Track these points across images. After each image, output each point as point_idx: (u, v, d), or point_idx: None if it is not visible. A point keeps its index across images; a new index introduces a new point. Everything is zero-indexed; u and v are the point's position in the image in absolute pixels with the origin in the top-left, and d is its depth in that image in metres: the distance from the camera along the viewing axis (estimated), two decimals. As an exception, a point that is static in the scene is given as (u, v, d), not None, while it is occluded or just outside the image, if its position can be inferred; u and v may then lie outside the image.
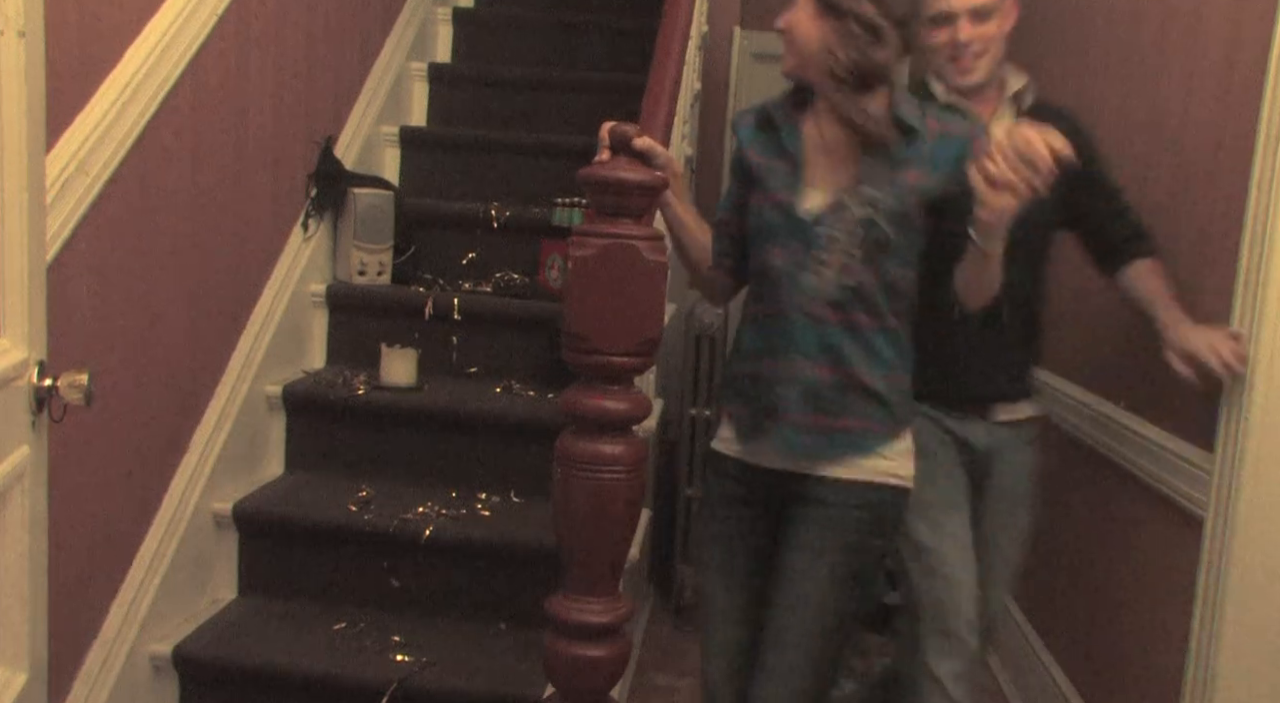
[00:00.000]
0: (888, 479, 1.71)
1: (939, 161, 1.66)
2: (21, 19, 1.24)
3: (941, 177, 1.66)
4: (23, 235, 1.32)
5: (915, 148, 1.66)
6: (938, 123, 1.70)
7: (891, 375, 1.71)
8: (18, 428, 1.35)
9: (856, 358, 1.67)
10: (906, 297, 1.72)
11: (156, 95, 2.03)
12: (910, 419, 1.77)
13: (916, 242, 1.69)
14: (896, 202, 1.64)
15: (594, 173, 1.49)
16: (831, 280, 1.66)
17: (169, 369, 2.20)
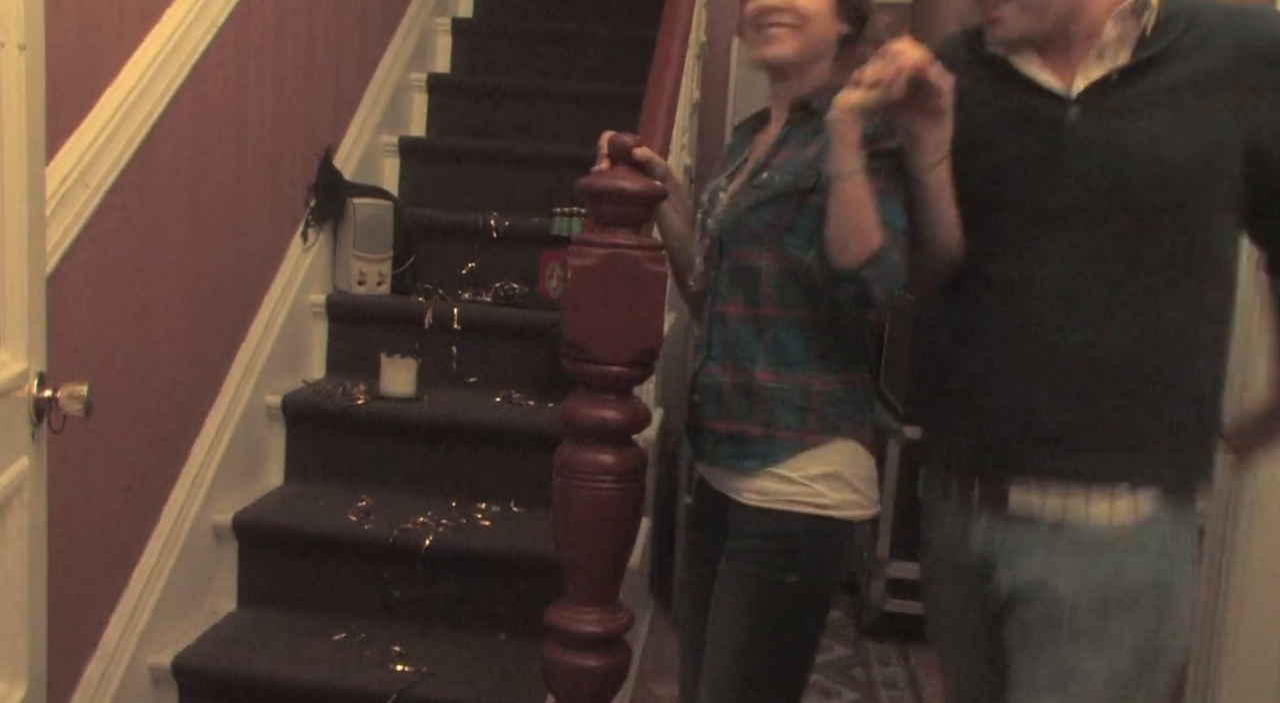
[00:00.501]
0: (796, 507, 1.53)
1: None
2: (22, 32, 1.25)
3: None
4: (23, 248, 1.33)
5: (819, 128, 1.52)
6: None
7: (808, 375, 1.54)
8: (17, 439, 1.35)
9: (756, 356, 1.54)
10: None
11: (157, 107, 2.03)
12: (848, 432, 1.57)
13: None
14: (793, 178, 1.52)
15: (593, 182, 1.50)
16: (701, 269, 1.61)
17: (169, 380, 2.20)
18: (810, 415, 1.55)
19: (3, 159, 1.27)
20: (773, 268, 1.53)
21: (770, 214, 1.53)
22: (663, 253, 1.51)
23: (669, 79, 2.40)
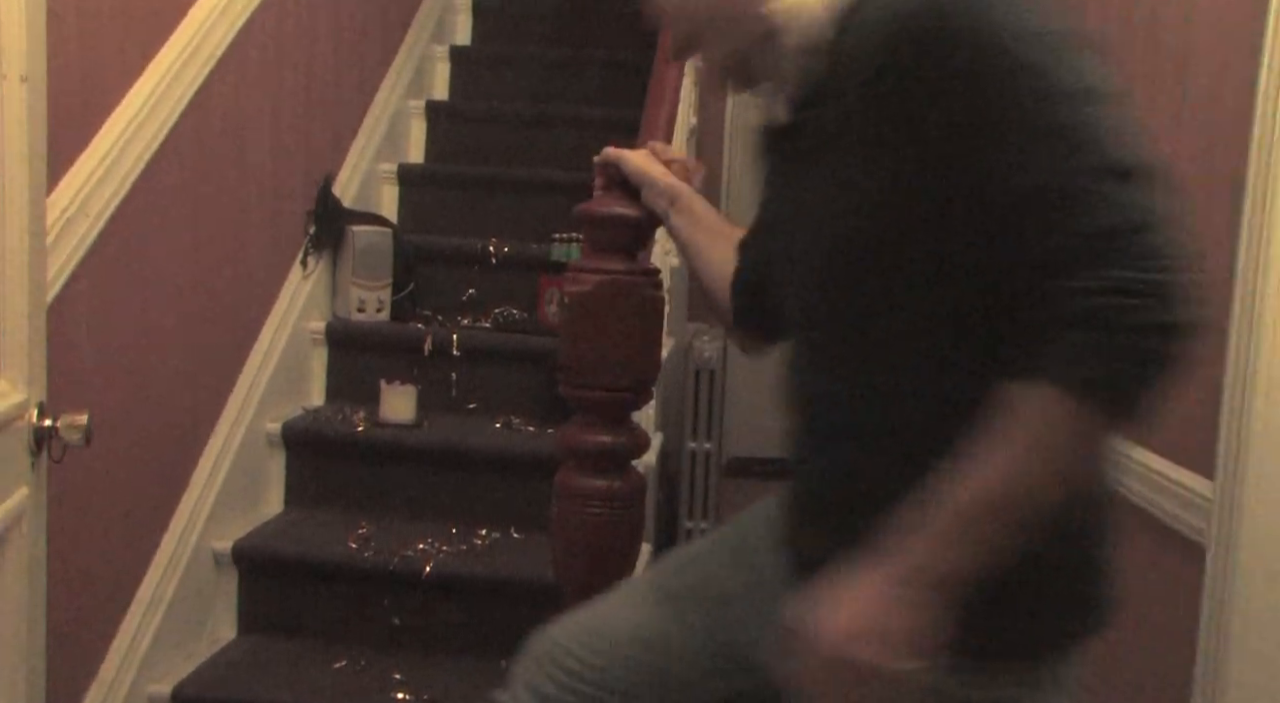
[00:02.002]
0: None
1: None
2: (24, 64, 1.26)
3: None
4: (23, 278, 1.33)
5: None
6: None
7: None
8: (17, 470, 1.35)
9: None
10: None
11: (157, 136, 2.05)
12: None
13: None
14: None
15: (589, 209, 1.51)
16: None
17: (169, 408, 2.21)
18: None
19: (4, 191, 1.28)
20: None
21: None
22: (660, 277, 1.52)
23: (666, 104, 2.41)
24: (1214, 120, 2.08)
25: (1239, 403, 1.89)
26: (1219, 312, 1.98)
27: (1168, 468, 2.17)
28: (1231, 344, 1.91)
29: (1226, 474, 1.92)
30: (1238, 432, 1.89)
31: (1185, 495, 2.07)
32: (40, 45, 1.32)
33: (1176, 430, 2.16)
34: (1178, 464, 2.14)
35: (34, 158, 1.32)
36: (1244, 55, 1.95)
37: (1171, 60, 2.33)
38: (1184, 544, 2.08)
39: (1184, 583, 2.07)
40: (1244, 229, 1.89)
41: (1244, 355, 1.88)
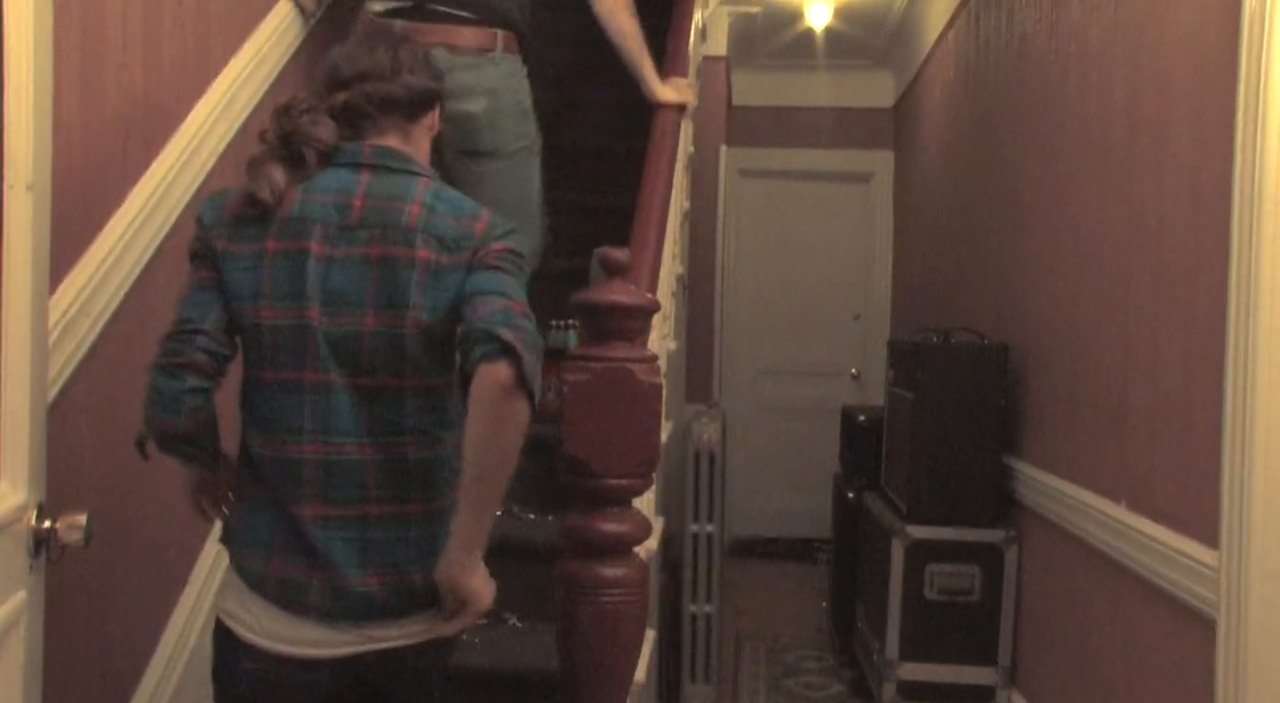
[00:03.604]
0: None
1: None
2: (30, 173, 1.29)
3: None
4: (25, 380, 1.34)
5: None
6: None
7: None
8: (15, 573, 1.35)
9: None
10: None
11: (156, 236, 2.08)
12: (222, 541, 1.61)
13: None
14: None
15: (586, 297, 1.53)
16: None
17: (168, 504, 2.20)
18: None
19: (8, 294, 1.30)
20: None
21: None
22: (657, 364, 1.53)
23: (659, 190, 2.46)
24: (1198, 187, 2.12)
25: (1238, 472, 1.89)
26: (1213, 383, 2.00)
27: (1171, 537, 2.16)
28: (1228, 413, 1.92)
29: (1231, 543, 1.91)
30: (1239, 500, 1.89)
31: (1191, 566, 2.06)
32: (46, 155, 1.36)
33: (1178, 500, 2.16)
34: (1181, 534, 2.13)
35: (37, 263, 1.34)
36: (1221, 124, 2.00)
37: (1149, 132, 2.38)
38: (1193, 616, 2.06)
39: (1196, 655, 2.04)
40: (1232, 293, 1.91)
41: (1240, 424, 1.89)
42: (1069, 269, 2.91)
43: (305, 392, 1.50)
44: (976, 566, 3.25)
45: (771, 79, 6.43)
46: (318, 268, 1.49)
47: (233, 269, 1.52)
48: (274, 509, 1.52)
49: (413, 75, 1.61)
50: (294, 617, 1.50)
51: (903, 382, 3.51)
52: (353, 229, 1.51)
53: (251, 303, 1.51)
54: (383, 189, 1.55)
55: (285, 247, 1.51)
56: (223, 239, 1.52)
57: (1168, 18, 2.30)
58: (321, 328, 1.49)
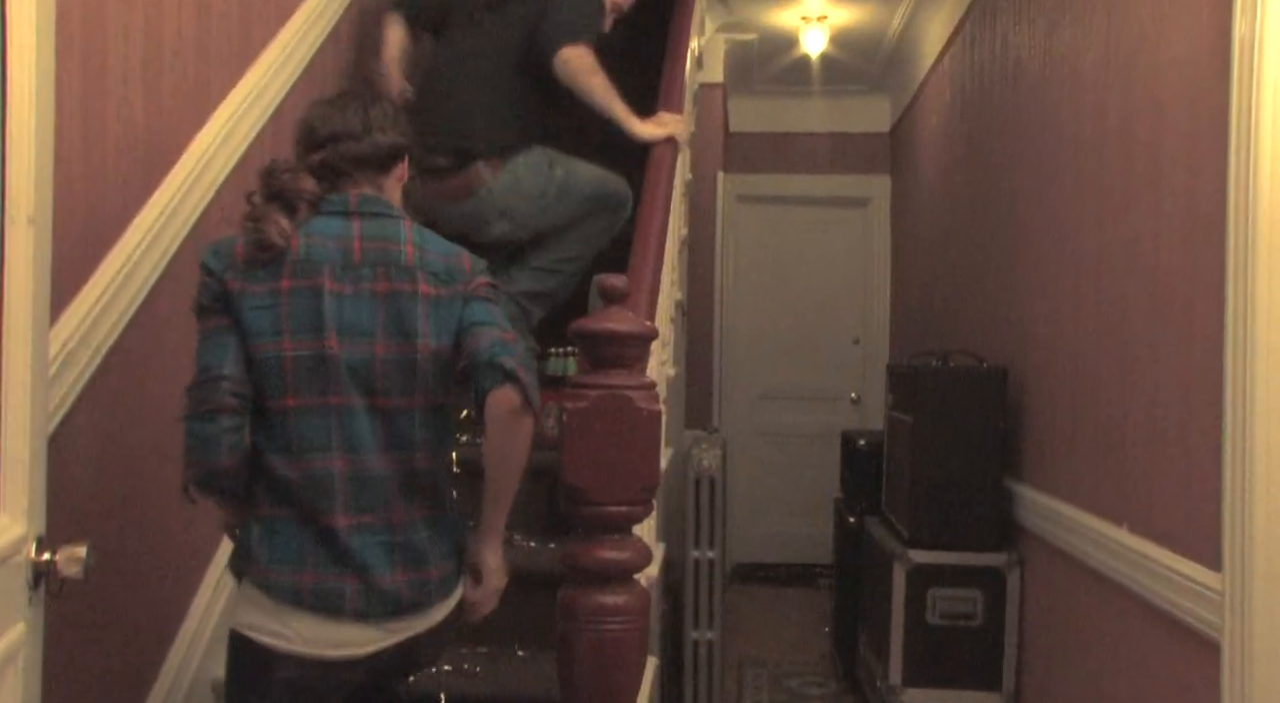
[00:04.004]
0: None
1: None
2: (31, 207, 1.30)
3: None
4: (26, 413, 1.35)
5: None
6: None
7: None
8: (14, 606, 1.34)
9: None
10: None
11: (157, 267, 2.09)
12: (237, 565, 1.70)
13: None
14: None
15: (585, 325, 1.53)
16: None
17: (168, 535, 2.19)
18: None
19: (9, 327, 1.30)
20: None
21: None
22: (656, 391, 1.54)
23: (656, 218, 2.47)
24: (1193, 209, 2.13)
25: (1239, 494, 1.89)
26: (1211, 412, 2.00)
27: (1173, 560, 2.16)
28: (1227, 434, 1.92)
29: (1234, 566, 1.91)
30: (1241, 523, 1.89)
31: (1194, 589, 2.05)
32: (47, 189, 1.36)
33: (1179, 522, 2.16)
34: (1183, 557, 2.12)
35: (38, 296, 1.35)
36: (1214, 149, 2.01)
37: (1144, 156, 2.40)
38: (1197, 639, 2.05)
39: (1201, 679, 2.03)
40: (1229, 314, 1.92)
41: (1239, 445, 1.89)
42: (1067, 292, 2.91)
43: (330, 414, 1.65)
44: (978, 590, 3.24)
45: (768, 105, 6.48)
46: (332, 303, 1.65)
47: (249, 308, 1.64)
48: (301, 526, 1.64)
49: (382, 134, 1.77)
50: (332, 622, 1.62)
51: (902, 405, 3.51)
52: (357, 268, 1.68)
53: (273, 338, 1.64)
54: (375, 232, 1.72)
55: (300, 285, 1.65)
56: (237, 281, 1.65)
57: (1160, 44, 2.32)
58: (341, 356, 1.65)
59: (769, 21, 5.30)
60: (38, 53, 1.31)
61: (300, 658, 1.62)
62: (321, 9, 2.84)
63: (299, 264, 1.66)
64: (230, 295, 1.65)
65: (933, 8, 4.81)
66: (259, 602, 1.63)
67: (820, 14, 5.15)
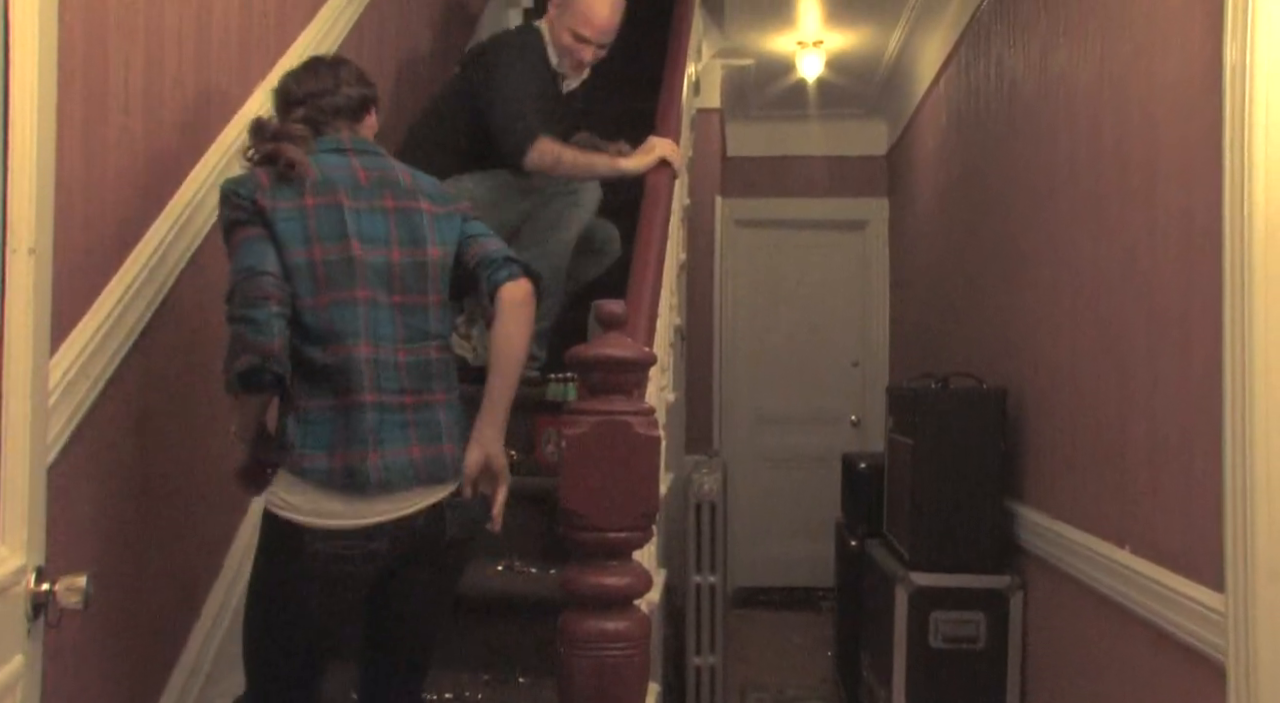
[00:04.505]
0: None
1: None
2: (32, 237, 1.30)
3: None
4: (25, 443, 1.35)
5: None
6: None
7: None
8: (12, 637, 1.34)
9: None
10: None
11: (157, 296, 2.09)
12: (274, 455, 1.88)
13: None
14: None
15: (583, 352, 1.54)
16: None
17: (168, 564, 2.19)
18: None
19: (9, 358, 1.30)
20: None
21: None
22: (654, 417, 1.54)
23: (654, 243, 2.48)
24: (1189, 229, 2.14)
25: (1241, 514, 1.89)
26: (1211, 430, 2.00)
27: (1176, 581, 2.15)
28: (1227, 454, 1.91)
29: (1236, 587, 1.90)
30: (1243, 543, 1.88)
31: (1198, 610, 2.04)
32: (48, 219, 1.37)
33: (1181, 543, 2.15)
34: (1186, 578, 2.12)
35: (38, 326, 1.35)
36: (1209, 168, 2.02)
37: (1140, 176, 2.41)
38: (1202, 661, 2.04)
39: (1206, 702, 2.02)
40: (1227, 332, 1.92)
41: (1240, 465, 1.88)
42: (1065, 312, 2.92)
43: (358, 306, 1.86)
44: (981, 612, 3.22)
45: (765, 130, 6.51)
46: (351, 216, 1.89)
47: (281, 221, 1.84)
48: (333, 414, 1.84)
49: (350, 87, 2.02)
50: (357, 496, 1.81)
51: (902, 428, 3.51)
52: (366, 189, 1.93)
53: (304, 245, 1.85)
54: (372, 163, 1.98)
55: (322, 201, 1.88)
56: (266, 199, 1.85)
57: (1153, 65, 2.34)
58: (365, 259, 1.88)
59: (765, 47, 5.34)
60: (40, 84, 1.32)
61: (329, 530, 1.80)
62: (320, 38, 2.87)
63: (319, 185, 1.88)
64: (263, 211, 1.84)
65: (927, 31, 4.84)
66: (293, 484, 1.81)
67: (816, 39, 5.19)
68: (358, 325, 1.85)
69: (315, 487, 1.80)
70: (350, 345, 1.84)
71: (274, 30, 2.64)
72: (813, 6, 4.82)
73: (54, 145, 1.40)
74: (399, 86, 3.61)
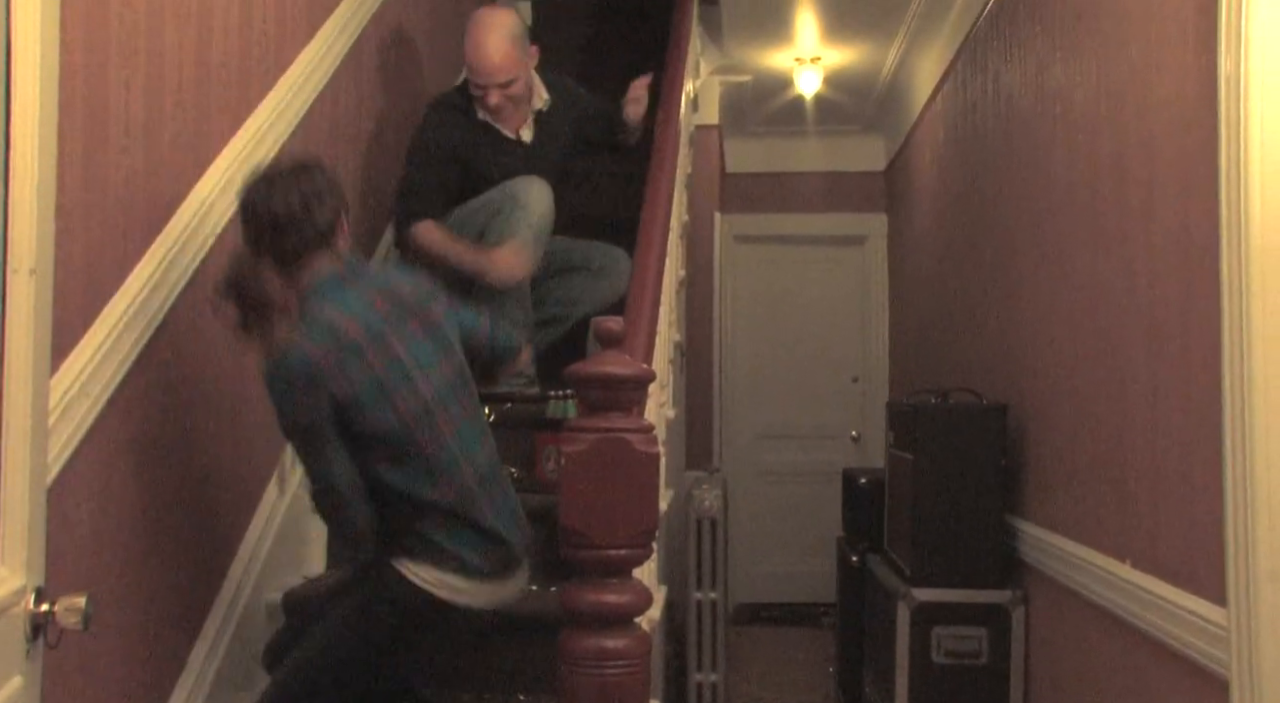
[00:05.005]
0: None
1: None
2: (33, 258, 1.30)
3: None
4: (25, 463, 1.35)
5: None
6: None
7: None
8: (11, 658, 1.33)
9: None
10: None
11: (156, 316, 2.09)
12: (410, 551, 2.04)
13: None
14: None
15: (581, 369, 1.54)
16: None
17: (168, 584, 2.19)
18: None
19: (9, 378, 1.31)
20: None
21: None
22: (654, 434, 1.54)
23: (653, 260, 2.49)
24: (1187, 242, 2.14)
25: (1242, 527, 1.88)
26: (1211, 446, 2.00)
27: (1178, 596, 2.14)
28: (1227, 467, 1.91)
29: (1238, 601, 1.90)
30: (1244, 557, 1.88)
31: (1200, 625, 2.04)
32: (49, 239, 1.38)
33: (1182, 558, 2.15)
34: (1188, 592, 2.11)
35: (38, 346, 1.35)
36: (1206, 183, 2.03)
37: (1137, 191, 2.42)
38: (1205, 676, 2.04)
39: (1209, 718, 2.02)
40: (1225, 346, 1.92)
41: (1240, 479, 1.88)
42: (1064, 327, 2.92)
43: (446, 436, 2.01)
44: (983, 627, 3.21)
45: (764, 146, 6.53)
46: (406, 354, 2.00)
47: (352, 390, 1.95)
48: (463, 526, 2.01)
49: (320, 209, 2.00)
50: (487, 583, 2.04)
51: (902, 443, 3.51)
52: (393, 321, 2.02)
53: (380, 401, 1.96)
54: (374, 284, 2.08)
55: (381, 357, 1.98)
56: (336, 381, 1.93)
57: (1150, 82, 2.35)
58: (433, 391, 2.02)
59: (763, 63, 5.37)
60: (41, 106, 1.33)
61: (464, 607, 2.03)
62: (318, 61, 2.88)
63: (368, 343, 1.97)
64: (335, 398, 1.93)
65: (924, 48, 4.87)
66: (442, 577, 2.00)
67: (814, 55, 5.21)
68: (456, 453, 2.01)
69: (458, 574, 2.01)
70: (457, 476, 2.01)
71: (274, 51, 2.66)
72: (810, 23, 4.84)
73: (55, 166, 1.41)
74: (400, 100, 3.63)
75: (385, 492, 2.02)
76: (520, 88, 3.15)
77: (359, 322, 1.97)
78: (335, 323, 1.94)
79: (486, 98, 3.13)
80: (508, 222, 3.02)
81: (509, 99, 3.14)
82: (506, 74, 3.10)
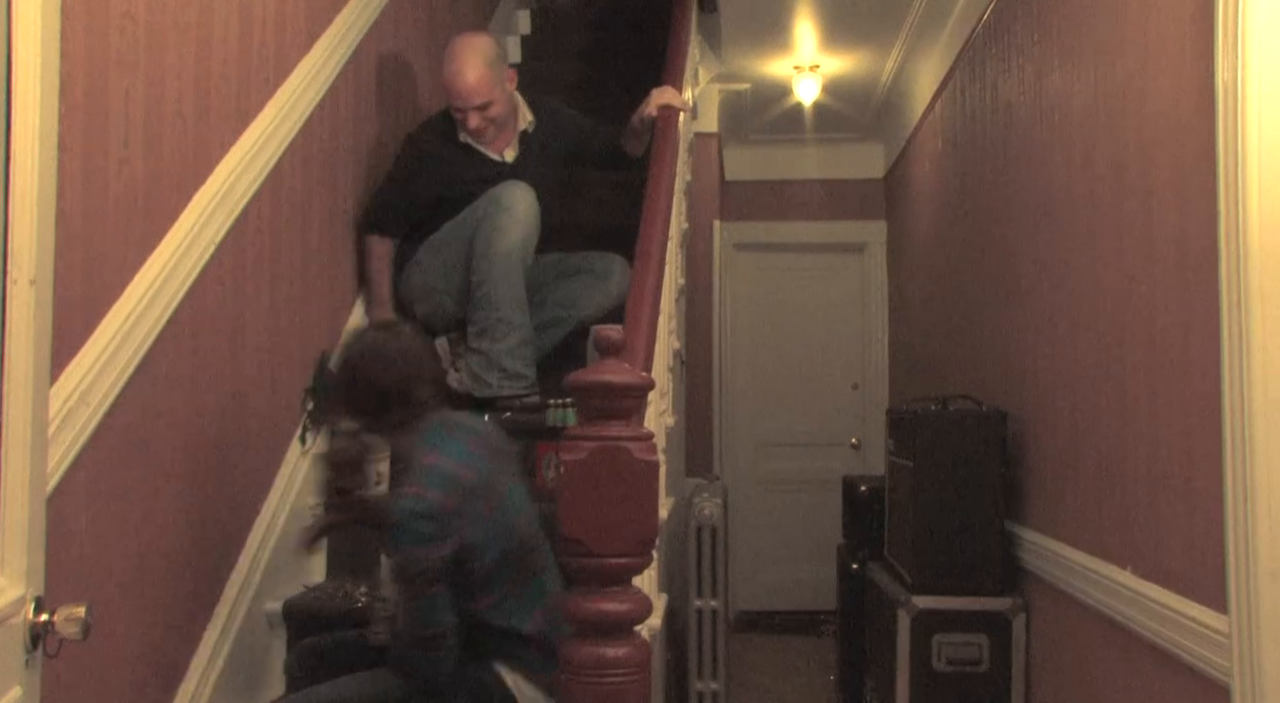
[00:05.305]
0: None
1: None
2: (33, 268, 1.31)
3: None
4: (24, 472, 1.35)
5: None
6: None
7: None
8: (10, 669, 1.33)
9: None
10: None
11: (156, 325, 2.10)
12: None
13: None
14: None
15: (580, 377, 1.54)
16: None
17: (167, 593, 2.18)
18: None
19: (9, 387, 1.31)
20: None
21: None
22: (653, 442, 1.54)
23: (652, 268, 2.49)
24: (1185, 248, 2.15)
25: (1243, 534, 1.88)
26: (1211, 450, 2.00)
27: (1179, 603, 2.14)
28: (1228, 474, 1.91)
29: (1239, 608, 1.90)
30: (1245, 564, 1.88)
31: (1201, 631, 2.03)
32: (49, 248, 1.38)
33: (1183, 564, 2.15)
34: (1190, 599, 2.11)
35: (38, 356, 1.35)
36: (1204, 189, 2.03)
37: (1136, 198, 2.42)
38: (1207, 683, 2.03)
39: (1210, 725, 2.01)
40: (1225, 352, 1.92)
41: (1241, 485, 1.88)
42: (1063, 334, 2.93)
43: (545, 572, 2.17)
44: (984, 635, 3.21)
45: (763, 154, 6.54)
46: (508, 498, 2.14)
47: (475, 534, 2.05)
48: (550, 650, 2.07)
49: (371, 377, 2.17)
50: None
51: (903, 451, 3.50)
52: (495, 466, 2.16)
53: (492, 543, 2.07)
54: (469, 432, 2.21)
55: (494, 501, 2.10)
56: (463, 525, 2.02)
57: (1147, 89, 2.35)
58: (529, 530, 2.17)
59: (762, 71, 5.38)
60: (42, 117, 1.33)
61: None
62: (318, 69, 2.89)
63: (480, 488, 2.07)
64: (462, 539, 2.02)
65: (923, 56, 4.88)
66: (529, 687, 2.12)
67: (813, 63, 5.22)
68: (545, 589, 2.14)
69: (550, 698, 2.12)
70: (546, 607, 2.11)
71: (273, 61, 2.66)
72: (809, 31, 4.85)
73: (55, 177, 1.41)
74: (400, 107, 3.63)
75: (483, 629, 2.12)
76: (499, 110, 3.23)
77: (471, 468, 2.08)
78: (452, 471, 2.04)
79: (466, 121, 3.22)
80: (494, 222, 3.08)
81: (489, 121, 3.23)
82: (482, 97, 3.18)
